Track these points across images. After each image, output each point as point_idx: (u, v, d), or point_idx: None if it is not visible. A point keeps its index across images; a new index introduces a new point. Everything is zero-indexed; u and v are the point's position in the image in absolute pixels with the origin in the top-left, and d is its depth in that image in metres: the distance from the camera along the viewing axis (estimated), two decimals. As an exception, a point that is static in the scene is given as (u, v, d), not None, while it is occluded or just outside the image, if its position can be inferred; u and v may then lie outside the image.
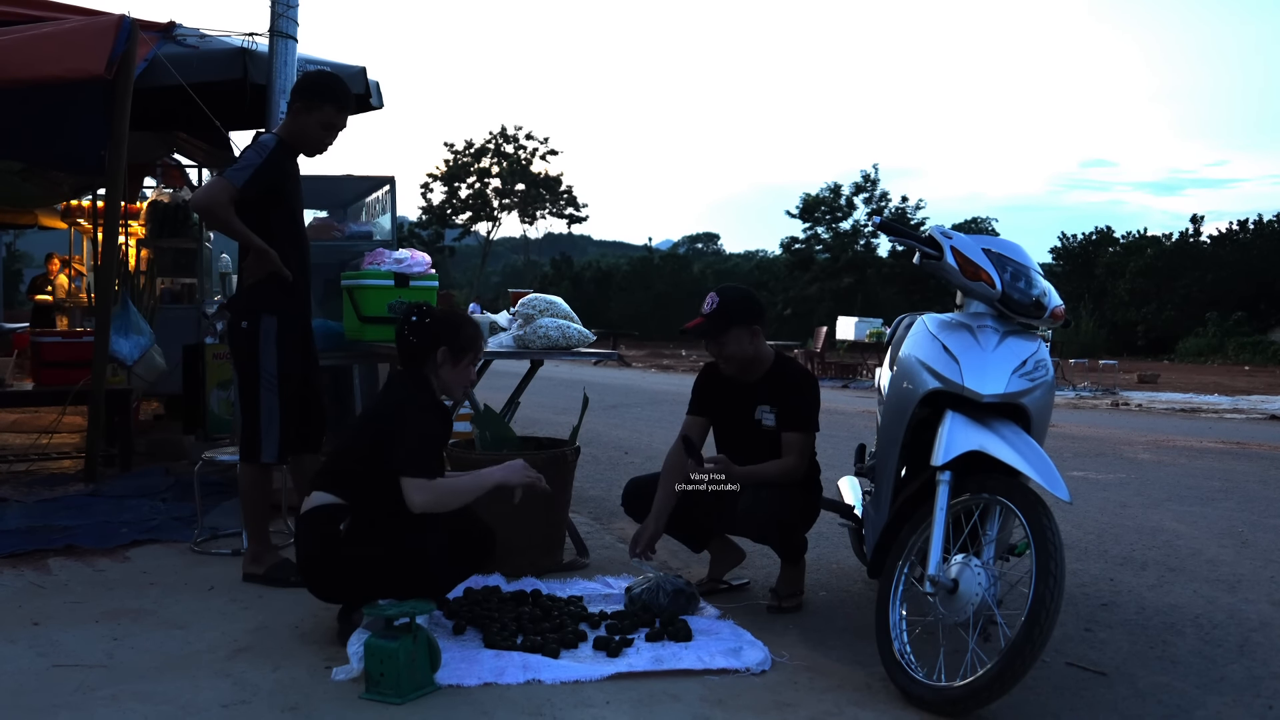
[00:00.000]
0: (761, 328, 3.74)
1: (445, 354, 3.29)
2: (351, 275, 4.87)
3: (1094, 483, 6.65)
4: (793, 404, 3.72)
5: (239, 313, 3.93)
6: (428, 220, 47.76)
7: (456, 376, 3.34)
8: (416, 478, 3.06)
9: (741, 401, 3.78)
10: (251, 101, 5.57)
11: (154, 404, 8.45)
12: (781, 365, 3.80)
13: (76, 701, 2.72)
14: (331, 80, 4.01)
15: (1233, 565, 4.51)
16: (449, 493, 3.13)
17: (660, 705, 2.76)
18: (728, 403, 3.81)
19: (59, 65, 4.90)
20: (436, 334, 3.29)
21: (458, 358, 3.32)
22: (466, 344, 3.33)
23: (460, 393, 3.42)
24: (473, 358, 3.38)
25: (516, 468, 3.31)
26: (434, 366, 3.30)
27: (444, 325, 3.32)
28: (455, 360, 3.32)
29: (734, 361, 3.72)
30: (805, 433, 3.74)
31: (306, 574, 3.20)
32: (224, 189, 3.76)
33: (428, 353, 3.29)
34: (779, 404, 3.72)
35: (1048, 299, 3.17)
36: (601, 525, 5.17)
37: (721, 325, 3.67)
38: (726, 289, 3.76)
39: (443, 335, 3.30)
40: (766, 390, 3.75)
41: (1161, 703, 2.93)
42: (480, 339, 3.44)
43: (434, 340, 3.28)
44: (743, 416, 3.77)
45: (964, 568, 2.84)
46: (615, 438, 8.80)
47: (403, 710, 2.68)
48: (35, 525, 4.68)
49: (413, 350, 3.31)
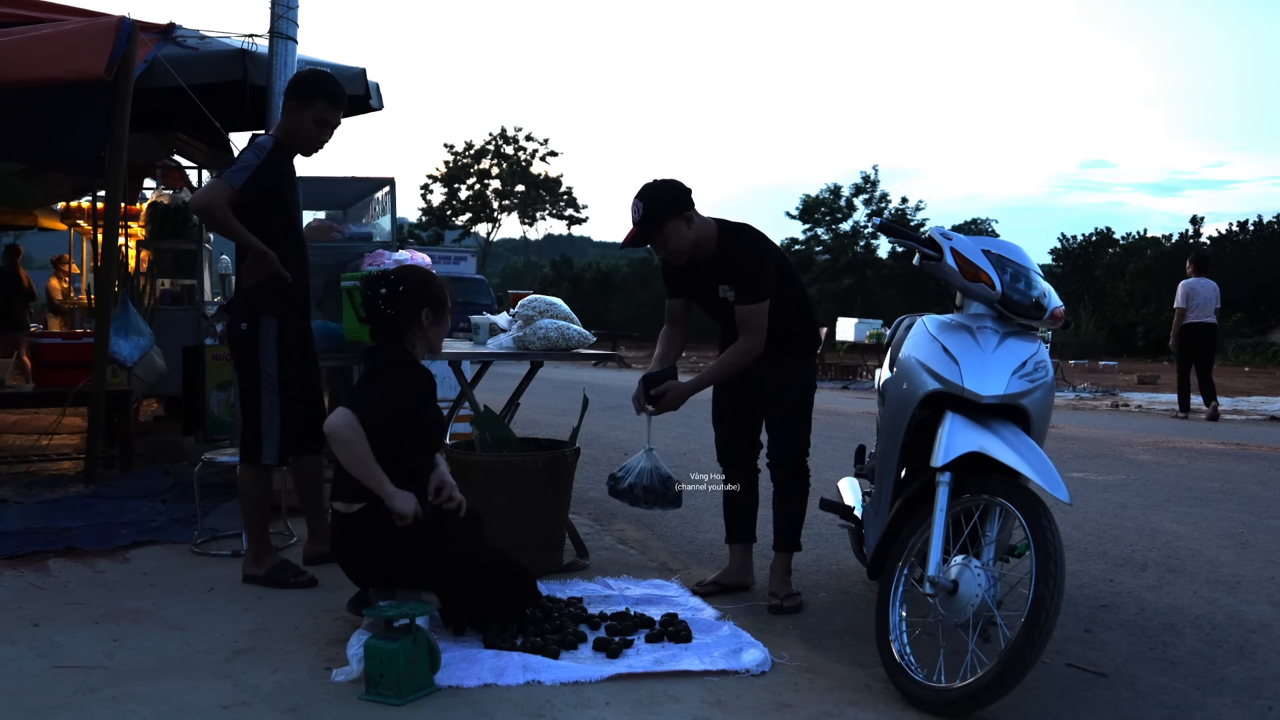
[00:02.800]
0: (693, 210, 3.69)
1: (429, 315, 3.29)
2: (351, 276, 4.86)
3: (1094, 484, 6.65)
4: (743, 279, 3.70)
5: (238, 314, 3.93)
6: (427, 221, 47.74)
7: (440, 331, 3.37)
8: (348, 410, 3.05)
9: (705, 282, 3.82)
10: (251, 103, 5.57)
11: (154, 405, 8.46)
12: (727, 242, 3.74)
13: (76, 703, 2.72)
14: (322, 76, 4.03)
15: (1232, 566, 4.51)
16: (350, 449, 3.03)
17: (660, 706, 2.76)
18: (694, 285, 3.86)
19: (59, 66, 4.90)
20: (417, 300, 3.27)
21: (439, 313, 3.32)
22: (443, 296, 3.34)
23: (441, 345, 3.45)
24: (448, 308, 3.37)
25: (409, 500, 3.12)
26: (419, 331, 3.29)
27: (420, 288, 3.29)
28: (438, 316, 3.32)
29: (681, 254, 3.71)
30: (757, 304, 3.69)
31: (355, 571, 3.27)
32: (222, 190, 3.76)
33: (411, 320, 3.26)
34: (732, 281, 3.73)
35: (1048, 300, 3.18)
36: (601, 526, 5.17)
37: (655, 227, 3.64)
38: (645, 189, 3.68)
39: (423, 298, 3.28)
40: (720, 270, 3.75)
41: (1161, 704, 2.93)
42: (446, 285, 3.42)
43: (415, 306, 3.26)
44: (710, 295, 3.82)
45: (964, 569, 2.84)
46: (615, 439, 8.80)
47: (403, 711, 2.68)
48: (35, 526, 4.68)
49: (394, 323, 3.26)
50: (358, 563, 3.24)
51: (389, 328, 3.27)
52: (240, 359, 3.93)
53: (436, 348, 3.43)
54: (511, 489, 4.00)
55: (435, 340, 3.38)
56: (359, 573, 3.28)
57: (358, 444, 3.05)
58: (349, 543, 3.22)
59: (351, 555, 3.24)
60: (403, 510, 3.10)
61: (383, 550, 3.17)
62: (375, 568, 3.22)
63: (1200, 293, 11.56)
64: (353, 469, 3.07)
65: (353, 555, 3.24)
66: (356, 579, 3.31)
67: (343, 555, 3.27)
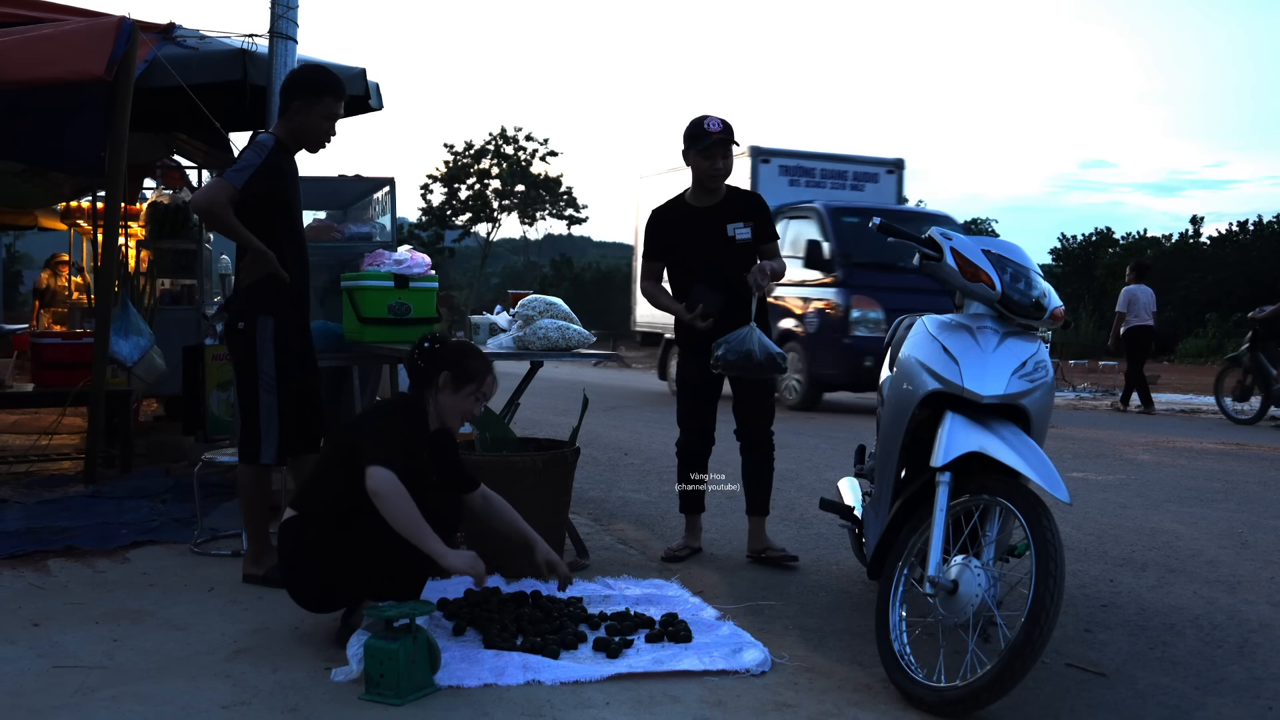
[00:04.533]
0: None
1: (447, 378, 3.32)
2: (351, 276, 4.87)
3: (1094, 484, 6.65)
4: (763, 218, 4.40)
5: (236, 314, 3.93)
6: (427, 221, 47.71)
7: (455, 403, 3.34)
8: (377, 465, 3.00)
9: (709, 223, 4.35)
10: (251, 102, 5.57)
11: (154, 405, 8.45)
12: (734, 188, 4.44)
13: (76, 703, 2.72)
14: (323, 72, 4.06)
15: (1232, 566, 4.51)
16: (396, 507, 2.99)
17: (660, 706, 2.76)
18: (693, 230, 4.35)
19: (59, 66, 4.90)
20: (442, 360, 3.33)
21: (458, 385, 3.33)
22: (470, 375, 3.35)
23: (456, 422, 3.41)
24: (475, 390, 3.36)
25: (467, 559, 3.07)
26: (434, 391, 3.33)
27: (450, 353, 3.37)
28: (455, 387, 3.32)
29: (724, 176, 4.33)
30: (775, 240, 4.46)
31: (288, 586, 3.24)
32: (224, 189, 3.75)
33: (430, 377, 3.32)
34: (753, 219, 4.36)
35: (1047, 300, 3.18)
36: (601, 526, 5.17)
37: (731, 137, 4.29)
38: (716, 117, 4.30)
39: (448, 361, 3.34)
40: (732, 209, 4.37)
41: (1161, 704, 2.93)
42: (487, 375, 3.42)
43: (438, 365, 3.32)
44: (714, 236, 4.32)
45: (964, 569, 2.84)
46: (615, 439, 8.80)
47: (402, 711, 2.68)
48: (35, 526, 4.68)
49: (417, 373, 3.36)
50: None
51: (413, 376, 3.37)
52: (238, 358, 3.93)
53: (448, 422, 3.37)
54: (511, 489, 3.99)
55: (446, 409, 3.34)
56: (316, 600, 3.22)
57: (403, 503, 3.02)
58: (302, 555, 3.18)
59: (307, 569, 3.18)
60: (458, 569, 3.03)
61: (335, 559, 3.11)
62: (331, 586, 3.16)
63: (1140, 299, 12.80)
64: (402, 529, 3.01)
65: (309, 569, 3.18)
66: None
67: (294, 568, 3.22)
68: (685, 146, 4.31)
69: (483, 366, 3.41)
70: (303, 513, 3.20)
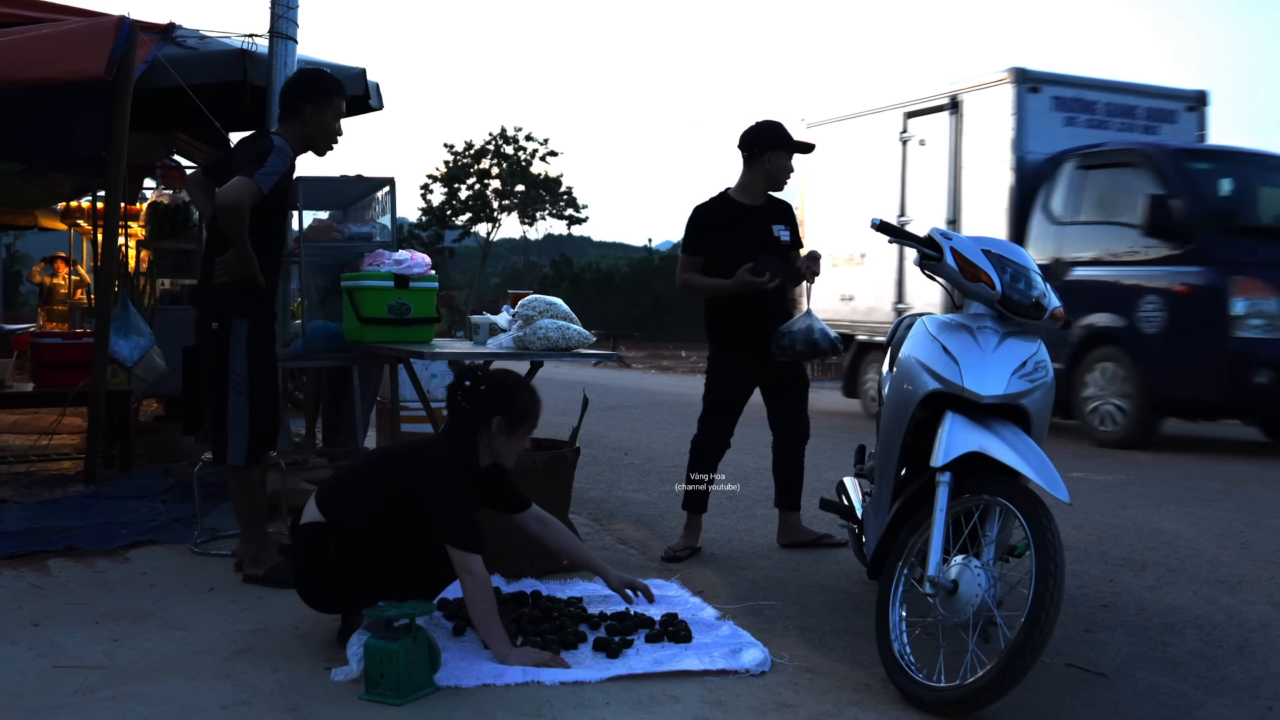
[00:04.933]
0: None
1: (500, 424, 3.16)
2: (351, 276, 4.86)
3: (1094, 483, 6.65)
4: (795, 223, 4.71)
5: (209, 312, 3.92)
6: (427, 221, 47.66)
7: (512, 446, 3.22)
8: (464, 550, 2.98)
9: (756, 222, 4.54)
10: (251, 103, 5.57)
11: (154, 405, 8.45)
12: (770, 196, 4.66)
13: (76, 703, 2.72)
14: (326, 74, 4.16)
15: (1232, 566, 4.51)
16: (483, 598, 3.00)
17: (660, 706, 2.76)
18: (740, 228, 4.52)
19: (59, 66, 4.90)
20: (492, 404, 3.16)
21: (514, 428, 3.19)
22: (523, 414, 3.21)
23: (513, 461, 3.28)
24: (531, 428, 3.24)
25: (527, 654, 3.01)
26: (488, 436, 3.17)
27: (499, 394, 3.19)
28: (511, 430, 3.18)
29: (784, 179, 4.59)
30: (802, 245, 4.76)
31: (299, 587, 3.21)
32: (251, 192, 3.71)
33: (481, 421, 3.16)
34: (789, 225, 4.64)
35: (1047, 300, 3.18)
36: (601, 526, 5.17)
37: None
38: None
39: (498, 405, 3.16)
40: (774, 212, 4.62)
41: (1161, 704, 2.93)
42: (538, 406, 3.28)
43: (489, 410, 3.16)
44: (760, 235, 4.51)
45: (964, 569, 2.84)
46: (615, 439, 8.80)
47: (402, 711, 2.68)
48: (35, 526, 4.68)
49: (464, 416, 3.19)
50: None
51: (458, 417, 3.20)
52: (209, 358, 3.93)
53: (504, 463, 3.27)
54: (511, 489, 4.00)
55: (504, 453, 3.22)
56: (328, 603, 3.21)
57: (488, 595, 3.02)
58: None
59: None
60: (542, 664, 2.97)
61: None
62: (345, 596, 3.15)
63: None
64: (476, 616, 3.01)
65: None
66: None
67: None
68: (765, 147, 4.50)
69: (534, 401, 3.26)
70: (330, 521, 3.11)
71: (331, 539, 3.09)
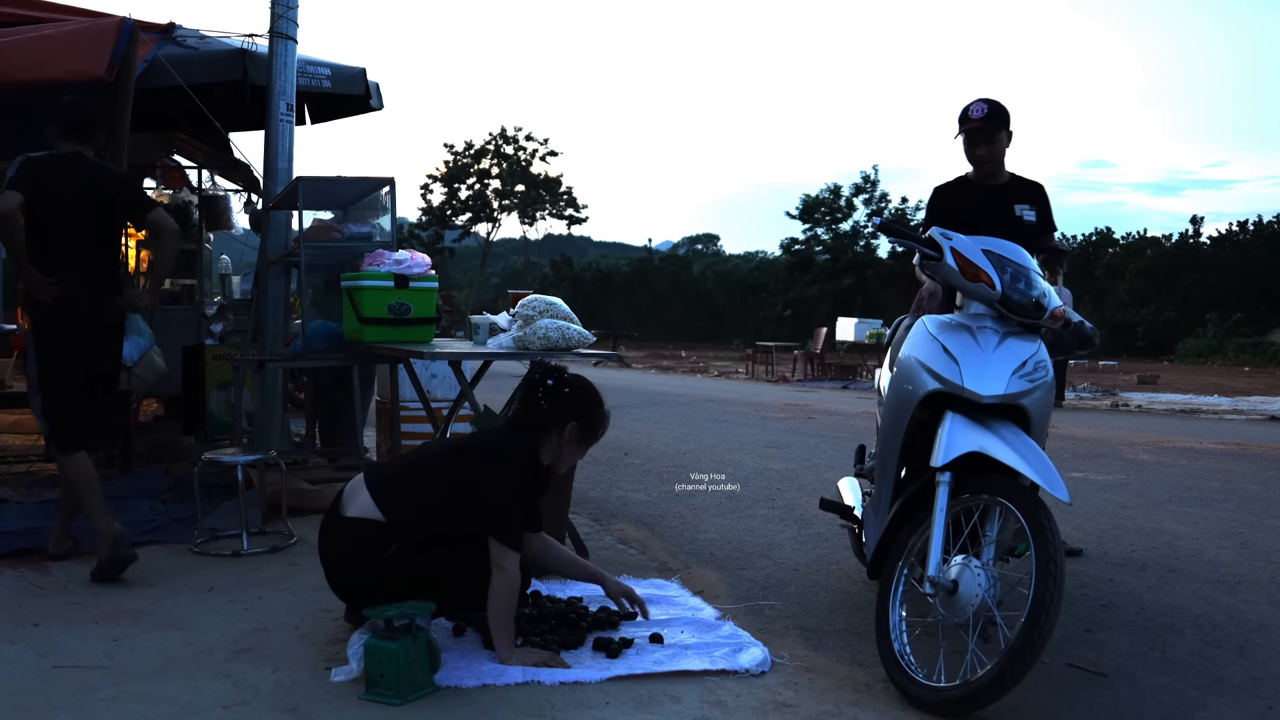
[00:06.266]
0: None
1: (574, 430, 3.15)
2: (351, 276, 4.86)
3: (1094, 484, 6.65)
4: (1045, 205, 4.22)
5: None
6: (427, 221, 47.67)
7: (575, 454, 3.23)
8: (505, 546, 2.99)
9: (996, 202, 4.15)
10: (251, 102, 5.57)
11: (154, 405, 8.45)
12: (1016, 174, 4.25)
13: (76, 703, 2.72)
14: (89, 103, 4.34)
15: (1232, 566, 4.51)
16: (509, 597, 3.02)
17: (660, 706, 2.76)
18: (980, 206, 4.12)
19: (60, 67, 4.90)
20: (571, 408, 3.15)
21: (585, 437, 3.19)
22: (596, 425, 3.20)
23: (565, 468, 3.28)
24: (596, 439, 3.24)
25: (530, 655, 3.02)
26: (558, 439, 3.16)
27: (581, 400, 3.18)
28: (582, 439, 3.18)
29: (995, 160, 4.13)
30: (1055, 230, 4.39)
31: (332, 574, 3.18)
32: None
33: (555, 423, 3.14)
34: (1037, 205, 4.18)
35: (1047, 300, 3.18)
36: (601, 526, 5.17)
37: (997, 125, 4.07)
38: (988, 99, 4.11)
39: (577, 410, 3.15)
40: (1018, 191, 4.18)
41: (1161, 704, 2.93)
42: (608, 421, 3.26)
43: (567, 414, 3.15)
44: (1001, 214, 4.10)
45: (964, 569, 2.84)
46: (615, 439, 8.79)
47: (402, 711, 2.68)
48: (35, 526, 4.67)
49: (539, 414, 3.16)
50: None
51: (533, 413, 3.17)
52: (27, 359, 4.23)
53: (559, 468, 3.26)
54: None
55: (566, 457, 3.21)
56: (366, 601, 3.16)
57: (513, 596, 3.02)
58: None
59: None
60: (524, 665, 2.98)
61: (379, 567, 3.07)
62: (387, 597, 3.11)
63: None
64: (494, 611, 3.01)
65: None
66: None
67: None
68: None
69: (606, 414, 3.25)
70: (392, 524, 3.07)
71: (391, 542, 3.06)
